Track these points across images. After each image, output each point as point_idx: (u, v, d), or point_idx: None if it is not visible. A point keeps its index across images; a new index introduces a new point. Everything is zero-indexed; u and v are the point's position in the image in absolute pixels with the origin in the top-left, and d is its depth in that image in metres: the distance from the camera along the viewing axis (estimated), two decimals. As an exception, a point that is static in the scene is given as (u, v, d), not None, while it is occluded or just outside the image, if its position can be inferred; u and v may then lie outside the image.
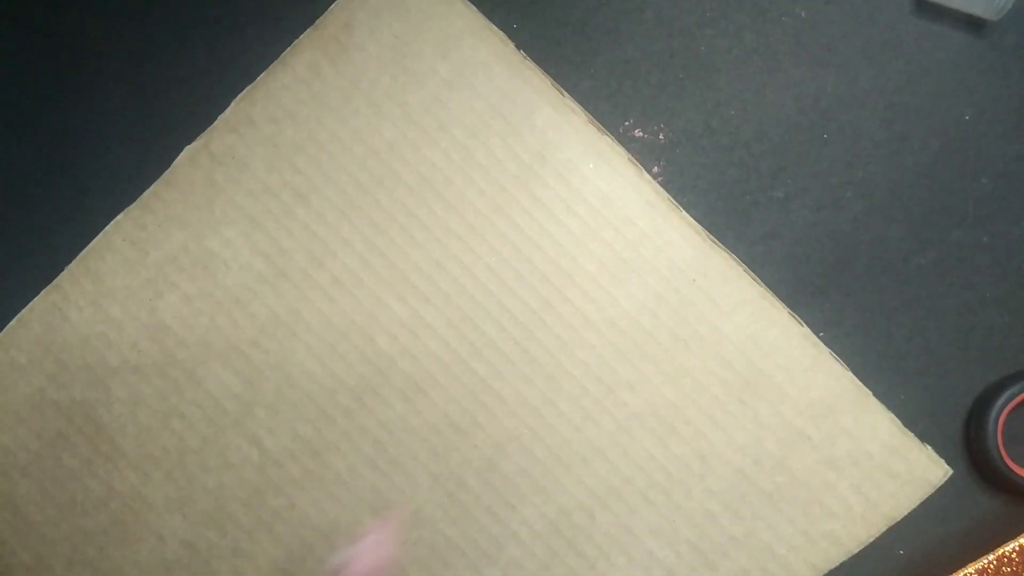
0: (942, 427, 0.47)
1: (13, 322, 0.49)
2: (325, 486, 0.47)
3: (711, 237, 0.47)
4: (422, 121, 0.48)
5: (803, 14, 0.49)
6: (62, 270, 0.49)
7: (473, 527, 0.47)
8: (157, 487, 0.48)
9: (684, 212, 0.48)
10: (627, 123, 0.49)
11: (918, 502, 0.46)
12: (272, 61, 0.49)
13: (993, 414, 0.47)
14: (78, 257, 0.49)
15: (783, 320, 0.47)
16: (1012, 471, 0.47)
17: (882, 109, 0.49)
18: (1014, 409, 0.48)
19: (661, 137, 0.49)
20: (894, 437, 0.47)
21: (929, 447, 0.46)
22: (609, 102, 0.49)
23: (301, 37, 0.49)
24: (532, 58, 0.48)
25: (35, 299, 0.49)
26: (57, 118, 0.51)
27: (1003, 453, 0.47)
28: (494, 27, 0.48)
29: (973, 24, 0.48)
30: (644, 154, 0.49)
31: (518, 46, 0.49)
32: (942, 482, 0.46)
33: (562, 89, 0.48)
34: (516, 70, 0.48)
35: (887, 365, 0.48)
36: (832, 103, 0.49)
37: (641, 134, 0.49)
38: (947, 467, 0.46)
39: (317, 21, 0.49)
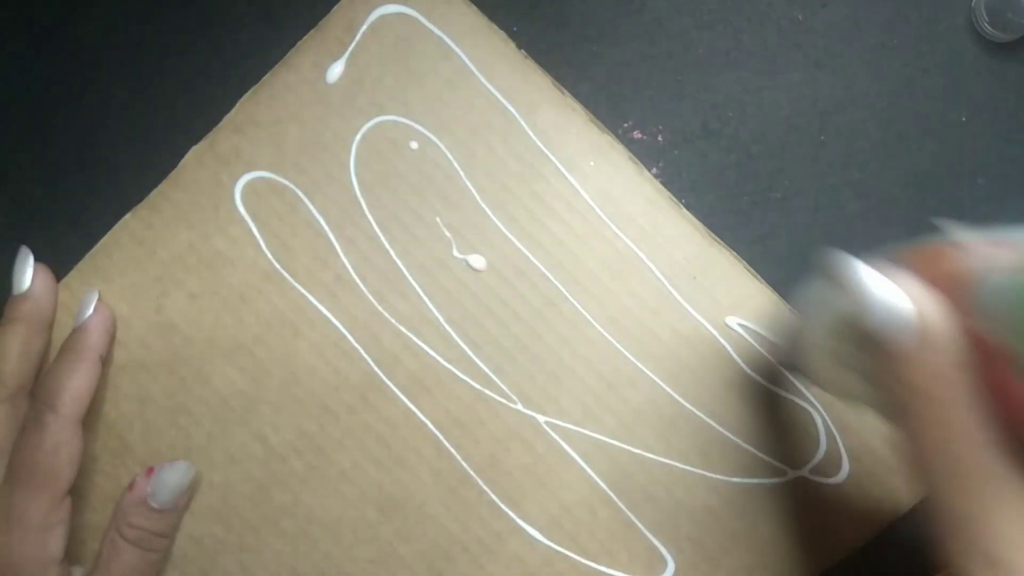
0: None
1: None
2: (329, 482, 0.47)
3: (711, 234, 0.47)
4: (424, 120, 0.48)
5: (800, 17, 0.48)
6: (71, 269, 0.48)
7: (476, 523, 0.46)
8: None
9: (684, 210, 0.47)
10: (626, 125, 0.49)
11: (921, 497, 0.45)
12: (276, 63, 0.48)
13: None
14: (86, 256, 0.48)
15: (784, 317, 0.47)
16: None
17: (879, 111, 0.48)
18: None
19: (660, 139, 0.49)
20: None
21: None
22: (608, 104, 0.48)
23: (305, 38, 0.48)
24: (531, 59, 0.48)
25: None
26: (63, 120, 0.50)
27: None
28: (495, 27, 0.48)
29: (970, 27, 0.48)
30: (643, 156, 0.48)
31: (517, 47, 0.48)
32: None
33: (562, 88, 0.48)
34: (517, 69, 0.48)
35: None
36: (829, 105, 0.48)
37: (640, 136, 0.49)
38: None
39: (320, 22, 0.48)
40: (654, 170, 0.48)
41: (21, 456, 0.42)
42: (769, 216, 0.48)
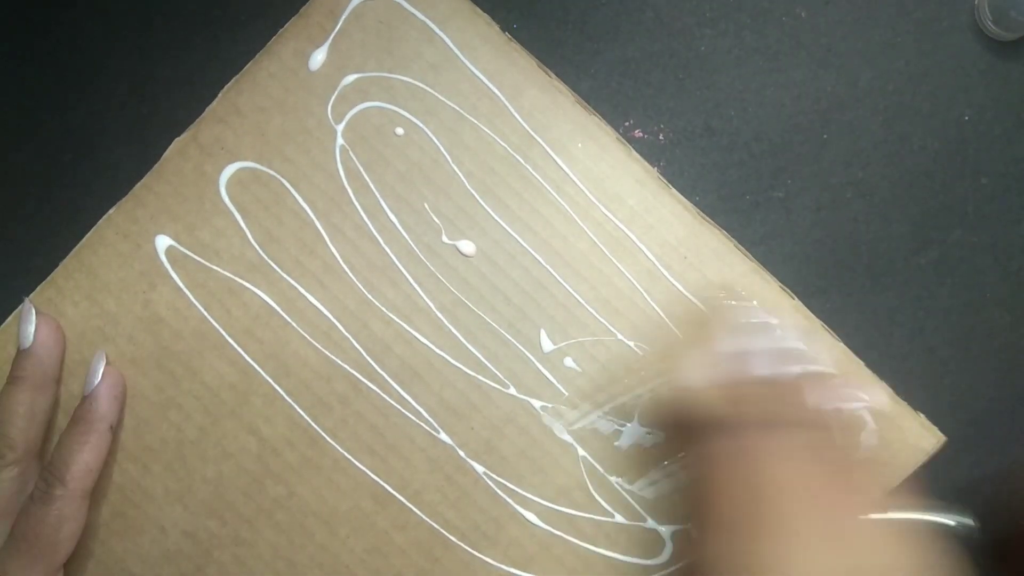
0: (942, 426, 0.44)
1: (9, 319, 0.46)
2: (323, 473, 0.44)
3: (701, 214, 0.45)
4: (408, 105, 0.45)
5: (803, 14, 0.46)
6: (56, 266, 0.46)
7: (472, 509, 0.44)
8: (157, 479, 0.45)
9: (673, 190, 0.45)
10: (627, 123, 0.47)
11: (912, 470, 0.44)
12: (258, 51, 0.46)
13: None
14: (72, 252, 0.46)
15: (774, 294, 0.44)
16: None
17: (882, 109, 0.46)
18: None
19: (661, 137, 0.46)
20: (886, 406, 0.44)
21: (922, 415, 0.43)
22: (609, 102, 0.47)
23: (287, 25, 0.46)
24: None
25: (30, 295, 0.46)
26: (43, 117, 0.48)
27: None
28: (478, 10, 0.46)
29: (973, 25, 0.46)
30: (644, 154, 0.45)
31: (501, 30, 0.46)
32: (936, 449, 0.43)
33: (548, 70, 0.45)
34: (502, 52, 0.45)
35: (887, 365, 0.44)
36: (832, 103, 0.46)
37: (641, 134, 0.47)
38: (940, 434, 0.44)
39: (302, 9, 0.46)
40: (656, 169, 0.45)
41: (25, 525, 0.41)
42: (771, 216, 0.46)
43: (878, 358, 0.44)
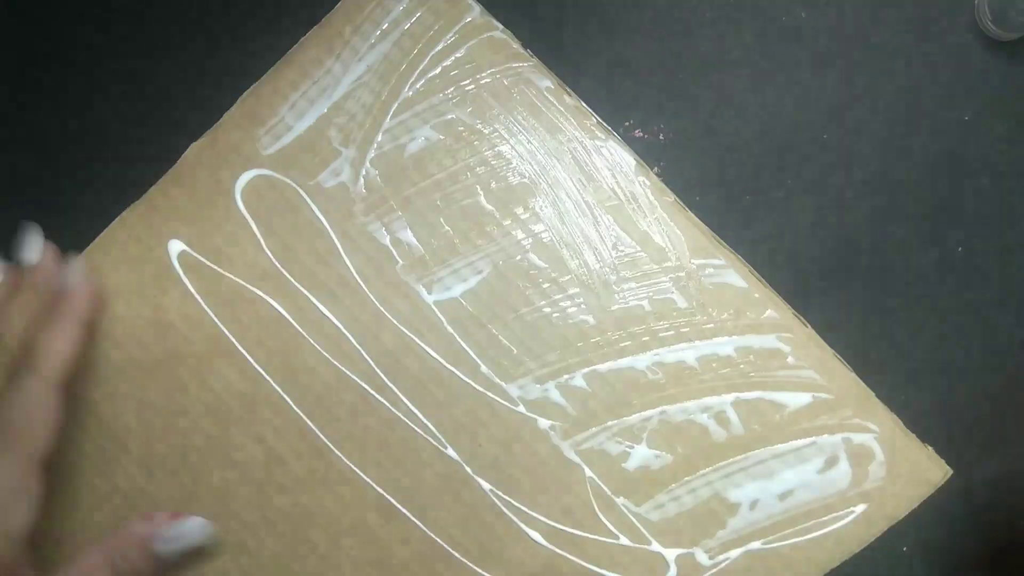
0: (943, 427, 0.44)
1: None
2: (329, 484, 0.44)
3: (716, 237, 0.45)
4: (427, 117, 0.45)
5: (803, 14, 0.46)
6: None
7: (477, 526, 0.44)
8: (162, 485, 0.45)
9: (689, 211, 0.45)
10: (627, 123, 0.46)
11: (919, 502, 0.44)
12: (277, 60, 0.46)
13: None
14: (83, 253, 0.46)
15: (788, 321, 0.44)
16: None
17: (882, 110, 0.46)
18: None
19: (661, 137, 0.46)
20: (896, 437, 0.44)
21: (930, 447, 0.44)
22: (609, 102, 0.46)
23: (308, 34, 0.46)
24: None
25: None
26: (63, 116, 0.48)
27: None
28: (497, 23, 0.46)
29: (973, 25, 0.46)
30: (644, 154, 0.46)
31: (523, 46, 0.46)
32: (943, 482, 0.44)
33: (568, 88, 0.45)
34: (520, 67, 0.45)
35: (888, 365, 0.45)
36: (832, 103, 0.46)
37: (641, 134, 0.46)
38: (947, 467, 0.44)
39: (323, 19, 0.46)
40: (656, 169, 0.46)
41: None
42: (771, 216, 0.46)
43: (878, 358, 0.45)
